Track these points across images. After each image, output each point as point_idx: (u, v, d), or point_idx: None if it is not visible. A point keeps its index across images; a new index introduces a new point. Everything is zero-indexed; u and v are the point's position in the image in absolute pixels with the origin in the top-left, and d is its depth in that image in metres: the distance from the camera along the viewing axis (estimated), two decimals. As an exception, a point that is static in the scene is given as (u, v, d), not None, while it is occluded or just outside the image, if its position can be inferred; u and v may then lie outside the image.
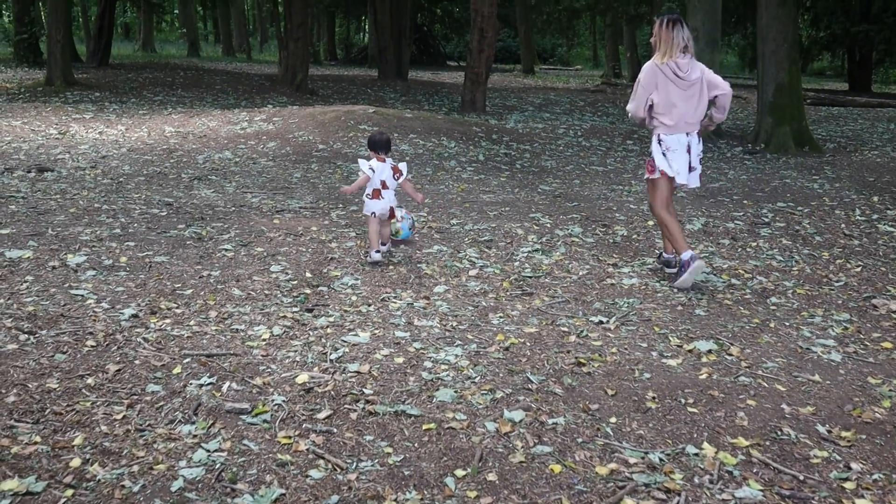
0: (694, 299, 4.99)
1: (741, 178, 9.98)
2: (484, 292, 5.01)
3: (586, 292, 5.09)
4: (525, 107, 18.54)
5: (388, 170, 5.60)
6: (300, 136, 11.15)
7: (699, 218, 7.32)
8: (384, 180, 5.58)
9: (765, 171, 10.63)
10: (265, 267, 5.30)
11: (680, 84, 5.20)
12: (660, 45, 5.20)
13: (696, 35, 13.33)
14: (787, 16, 12.37)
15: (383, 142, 5.59)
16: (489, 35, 16.48)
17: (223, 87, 18.50)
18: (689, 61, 5.23)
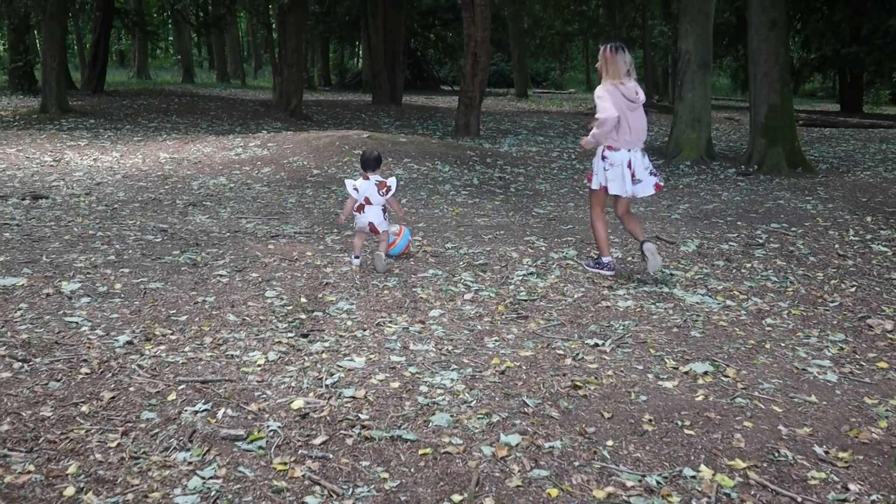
0: (689, 321, 5.00)
1: (735, 199, 10.03)
2: (479, 316, 5.02)
3: (582, 315, 5.10)
4: (519, 130, 18.64)
5: (373, 186, 6.00)
6: (295, 161, 11.18)
7: (693, 240, 7.34)
8: (368, 197, 6.01)
9: (758, 192, 10.68)
10: (260, 292, 5.30)
11: (628, 105, 5.81)
12: (606, 69, 5.78)
13: (688, 58, 13.46)
14: (777, 38, 12.51)
15: (370, 160, 6.08)
16: (482, 59, 16.60)
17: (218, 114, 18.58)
18: (634, 84, 5.84)
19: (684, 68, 13.63)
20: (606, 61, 5.78)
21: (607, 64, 5.77)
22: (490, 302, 5.32)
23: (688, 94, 13.65)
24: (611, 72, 5.77)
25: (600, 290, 5.66)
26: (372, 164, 6.08)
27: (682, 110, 13.83)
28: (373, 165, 6.07)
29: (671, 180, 11.88)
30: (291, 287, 5.45)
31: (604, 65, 5.80)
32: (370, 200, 6.03)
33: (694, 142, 13.69)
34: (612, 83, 5.76)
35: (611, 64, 5.77)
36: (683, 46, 13.65)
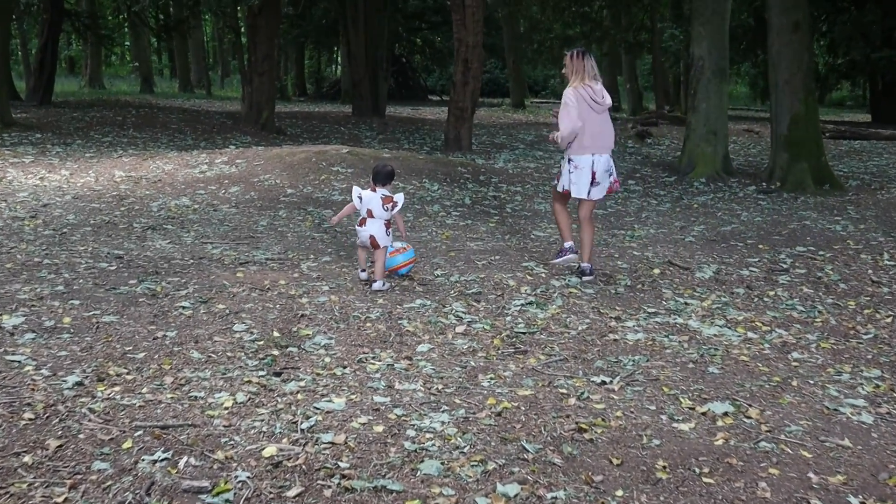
0: (706, 356, 5.02)
1: (755, 220, 10.09)
2: (472, 351, 5.01)
3: (587, 349, 5.10)
4: (515, 144, 18.74)
5: (378, 200, 6.39)
6: (266, 179, 11.21)
7: (710, 265, 7.38)
8: (370, 209, 6.40)
9: (781, 212, 10.76)
10: (227, 326, 5.28)
11: (595, 108, 6.64)
12: (573, 72, 6.63)
13: (701, 64, 13.60)
14: (800, 42, 12.65)
15: (381, 174, 6.48)
16: (474, 66, 16.73)
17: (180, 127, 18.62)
18: (601, 88, 6.68)
19: (698, 76, 13.77)
20: (574, 65, 6.64)
21: (574, 67, 6.63)
22: (484, 335, 5.32)
23: (702, 104, 13.78)
24: (578, 75, 6.62)
25: (607, 322, 5.67)
26: (383, 178, 6.48)
27: (695, 122, 13.95)
28: (383, 179, 6.48)
29: (684, 199, 11.95)
30: (263, 320, 5.44)
31: (570, 69, 6.66)
32: (373, 213, 6.41)
33: (709, 156, 13.80)
34: (581, 85, 6.60)
35: (577, 67, 6.63)
36: (696, 51, 13.79)
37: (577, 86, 6.62)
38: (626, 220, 10.07)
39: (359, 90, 23.91)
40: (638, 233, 9.09)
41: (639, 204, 11.49)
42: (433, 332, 5.36)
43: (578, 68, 6.64)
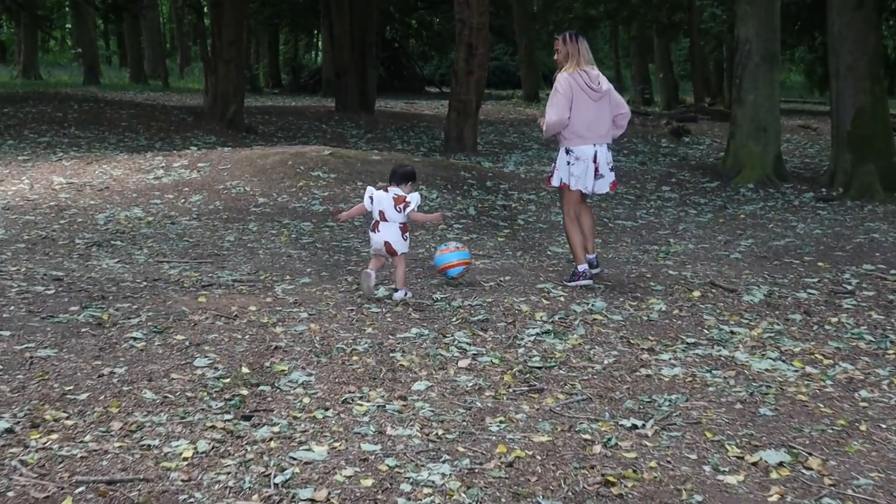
0: (757, 394, 5.00)
1: (814, 232, 10.09)
2: (478, 389, 5.00)
3: (614, 387, 5.08)
4: (528, 144, 18.78)
5: (390, 200, 6.69)
6: (234, 186, 11.22)
7: (760, 286, 7.37)
8: (382, 211, 6.70)
9: (845, 223, 10.76)
10: (187, 361, 5.27)
11: (591, 95, 7.10)
12: (566, 58, 7.10)
13: (748, 48, 13.64)
14: (865, 21, 12.68)
15: (398, 173, 6.79)
16: (480, 52, 16.78)
17: (131, 125, 18.65)
18: (597, 73, 7.19)
19: (744, 62, 13.81)
20: (567, 50, 7.12)
21: (570, 53, 7.10)
22: (493, 370, 5.30)
23: (749, 96, 13.82)
24: (572, 60, 7.10)
25: (638, 354, 5.66)
26: (398, 177, 6.79)
27: (742, 117, 13.98)
28: (398, 179, 6.78)
29: (729, 208, 11.96)
30: (229, 353, 5.42)
31: (563, 54, 7.14)
32: (385, 216, 6.71)
33: (758, 157, 13.83)
34: (576, 71, 7.07)
35: (572, 52, 7.11)
36: (743, 33, 13.84)
37: (571, 71, 7.09)
38: (660, 234, 10.07)
39: (343, 81, 23.98)
40: (674, 248, 9.09)
41: (675, 214, 11.49)
42: (432, 366, 5.34)
43: (573, 52, 7.11)
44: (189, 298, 6.62)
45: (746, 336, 6.10)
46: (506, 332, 6.03)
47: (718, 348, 5.82)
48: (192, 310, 6.28)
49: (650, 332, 6.14)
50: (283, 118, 22.35)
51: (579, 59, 7.10)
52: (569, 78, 7.06)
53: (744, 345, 5.92)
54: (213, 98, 19.19)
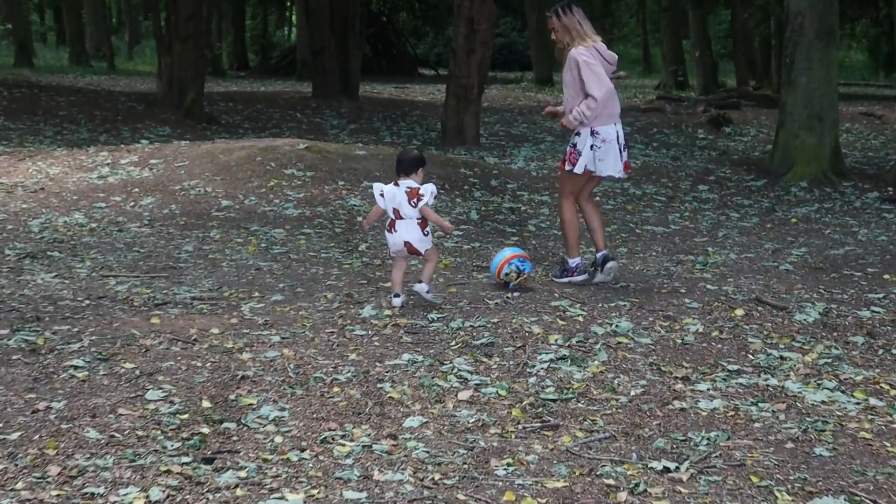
0: (812, 431, 5.00)
1: (879, 239, 10.09)
2: (482, 426, 5.00)
3: (642, 423, 5.08)
4: (540, 136, 18.78)
5: (402, 194, 6.97)
6: (192, 187, 11.22)
7: (815, 303, 7.38)
8: (397, 208, 7.00)
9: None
10: (138, 393, 5.27)
11: (607, 69, 7.58)
12: (571, 32, 7.54)
13: (800, 22, 13.67)
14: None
15: (403, 161, 7.12)
16: (483, 28, 16.79)
17: (71, 114, 18.66)
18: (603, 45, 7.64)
19: (796, 38, 13.83)
20: (566, 24, 7.56)
21: (570, 26, 7.56)
22: (499, 403, 5.30)
23: (801, 79, 13.83)
24: (580, 31, 7.56)
25: (671, 384, 5.66)
26: (406, 165, 7.09)
27: (793, 103, 14.00)
28: (407, 168, 7.08)
29: (778, 211, 11.97)
30: (187, 384, 5.42)
31: (565, 30, 7.58)
32: (400, 213, 7.01)
33: (812, 151, 13.84)
34: (592, 44, 7.54)
35: (571, 24, 7.55)
36: (794, 4, 13.87)
37: (588, 45, 7.55)
38: (696, 242, 10.07)
39: (321, 62, 23.97)
40: (713, 258, 9.09)
41: (714, 218, 11.50)
42: (427, 399, 5.34)
43: (572, 25, 7.58)
44: (140, 319, 6.61)
45: (799, 362, 6.10)
46: (514, 359, 6.03)
47: (766, 377, 5.82)
48: (144, 333, 6.28)
49: (685, 358, 6.14)
50: (251, 106, 22.34)
51: (584, 31, 7.60)
52: (590, 50, 7.52)
53: (796, 372, 5.92)
54: (167, 83, 19.19)
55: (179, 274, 8.02)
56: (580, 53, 7.47)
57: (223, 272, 8.12)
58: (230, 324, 6.57)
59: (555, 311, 7.05)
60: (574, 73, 7.54)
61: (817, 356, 6.22)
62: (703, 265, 8.81)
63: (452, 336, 6.45)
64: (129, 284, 7.59)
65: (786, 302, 7.41)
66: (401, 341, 6.33)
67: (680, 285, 7.93)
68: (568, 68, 7.63)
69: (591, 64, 7.45)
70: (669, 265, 8.84)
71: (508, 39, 43.99)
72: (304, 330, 6.46)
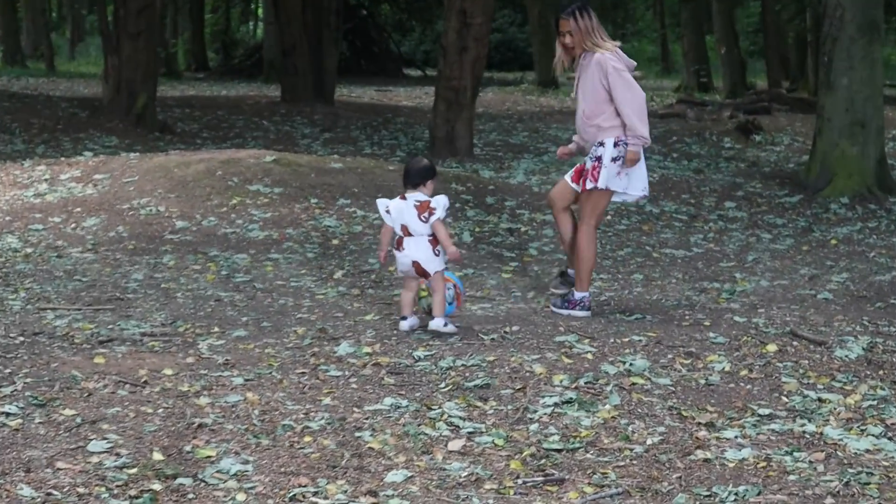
0: (855, 484, 5.00)
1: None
2: (476, 480, 4.99)
3: (660, 476, 5.08)
4: (543, 146, 18.80)
5: (411, 209, 7.19)
6: (143, 206, 11.22)
7: (859, 337, 7.37)
8: (405, 224, 7.21)
9: (973, 250, 10.78)
10: (79, 444, 5.25)
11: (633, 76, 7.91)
12: (593, 36, 7.77)
13: (839, 14, 13.71)
14: None
15: (411, 172, 7.36)
16: (477, 22, 16.81)
17: (4, 122, 18.64)
18: None
19: (834, 33, 13.88)
20: (584, 27, 7.76)
21: (589, 29, 7.78)
22: (495, 454, 5.29)
23: (841, 80, 13.87)
24: (601, 35, 7.82)
25: (693, 431, 5.65)
26: (415, 176, 7.31)
27: (832, 107, 14.04)
28: (416, 178, 7.30)
29: (815, 231, 12.00)
30: (136, 434, 5.41)
31: (580, 34, 7.79)
32: (409, 230, 7.22)
33: (855, 162, 13.87)
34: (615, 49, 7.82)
35: (588, 28, 7.76)
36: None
37: (612, 48, 7.82)
38: (721, 267, 10.09)
39: (292, 61, 23.95)
40: (742, 286, 9.10)
41: (742, 239, 11.52)
42: (412, 450, 5.33)
43: (589, 28, 7.78)
44: (82, 359, 6.59)
45: (840, 405, 6.10)
46: (513, 403, 6.02)
47: (802, 422, 5.81)
48: (86, 374, 6.26)
49: (709, 401, 6.13)
50: (211, 112, 22.33)
51: (603, 34, 7.87)
52: (619, 56, 7.82)
53: (836, 417, 5.92)
54: (115, 86, 19.16)
55: (127, 306, 8.00)
56: (609, 59, 7.71)
57: (178, 304, 8.11)
58: (186, 364, 6.55)
59: (560, 347, 7.04)
60: (601, 81, 7.72)
61: (861, 398, 6.21)
62: (730, 294, 8.81)
63: (442, 377, 6.43)
64: (69, 318, 7.57)
65: (825, 336, 7.41)
66: (382, 383, 6.31)
67: (704, 317, 7.93)
68: (589, 76, 7.81)
69: (621, 71, 7.74)
70: (692, 294, 8.84)
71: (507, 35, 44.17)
72: (270, 370, 6.45)
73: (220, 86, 32.43)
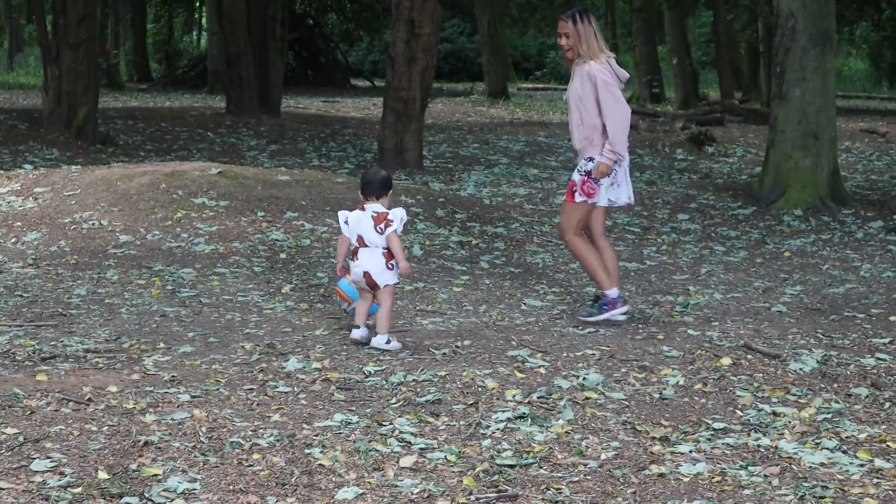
0: (810, 498, 5.03)
1: (884, 275, 10.19)
2: (428, 497, 4.99)
3: (615, 491, 5.10)
4: (494, 158, 18.83)
5: (368, 220, 7.38)
6: (85, 220, 11.15)
7: (813, 350, 7.42)
8: (361, 235, 7.41)
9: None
10: (21, 463, 5.22)
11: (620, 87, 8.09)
12: (587, 43, 7.94)
13: (792, 24, 13.83)
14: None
15: (372, 183, 7.56)
16: (425, 32, 16.82)
17: (-60, 134, 18.49)
18: None
19: (787, 43, 13.99)
20: (581, 32, 7.95)
21: (587, 35, 7.96)
22: (448, 471, 5.30)
23: (794, 91, 13.98)
24: (595, 44, 7.99)
25: (647, 446, 5.67)
26: (376, 187, 7.53)
27: (784, 118, 14.13)
28: (377, 190, 7.52)
29: (769, 243, 12.08)
30: (80, 452, 5.38)
31: (582, 38, 7.96)
32: (364, 241, 7.42)
33: (808, 174, 13.96)
34: (606, 59, 8.01)
35: (587, 34, 7.95)
36: (784, 5, 14.02)
37: (602, 61, 7.98)
38: (675, 280, 10.14)
39: (237, 72, 23.87)
40: (695, 299, 9.14)
41: (696, 252, 11.58)
42: (363, 466, 5.33)
43: (588, 34, 7.96)
44: (24, 376, 6.56)
45: (794, 418, 6.14)
46: (465, 418, 6.03)
47: (757, 436, 5.85)
48: (29, 392, 6.22)
49: (663, 415, 6.16)
50: (154, 124, 22.23)
51: (600, 43, 8.05)
52: (607, 69, 7.98)
53: (791, 430, 5.95)
54: (55, 97, 19.02)
55: (70, 322, 7.96)
56: (599, 72, 7.91)
57: (122, 320, 8.07)
58: (131, 380, 6.52)
59: (512, 361, 7.06)
60: (590, 92, 7.96)
61: (815, 411, 6.25)
62: (683, 307, 8.86)
63: (393, 392, 6.43)
64: (10, 335, 7.52)
65: (779, 349, 7.45)
66: (332, 399, 6.31)
67: (657, 330, 7.97)
68: (580, 85, 8.03)
69: (610, 85, 7.95)
70: (644, 307, 8.88)
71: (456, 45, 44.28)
72: (217, 387, 6.43)
73: (164, 97, 32.30)
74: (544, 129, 23.64)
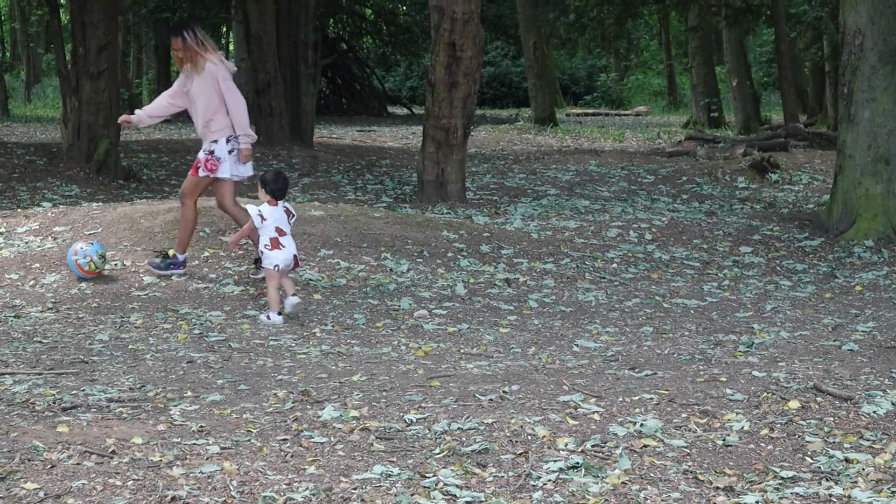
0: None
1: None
2: (476, 554, 4.99)
3: (677, 546, 5.09)
4: (542, 189, 18.83)
5: (282, 213, 9.63)
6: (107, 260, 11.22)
7: (888, 391, 7.39)
8: (279, 227, 9.54)
9: None
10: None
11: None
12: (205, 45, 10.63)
13: (859, 43, 13.76)
14: None
15: (287, 184, 9.93)
16: (468, 56, 16.85)
17: (-47, 171, 18.65)
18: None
19: (854, 63, 13.92)
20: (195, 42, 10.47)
21: (199, 41, 10.50)
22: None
23: (863, 113, 13.90)
24: (209, 44, 10.64)
25: (710, 497, 5.65)
26: (277, 190, 9.72)
27: (853, 143, 14.06)
28: (280, 192, 9.76)
29: (839, 277, 12.03)
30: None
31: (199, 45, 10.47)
32: (283, 231, 9.60)
33: (879, 201, 13.86)
34: (220, 57, 10.70)
35: (203, 38, 10.57)
36: (851, 21, 13.96)
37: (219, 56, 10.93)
38: (738, 317, 10.10)
39: (267, 101, 23.96)
40: (760, 338, 9.10)
41: (760, 287, 11.53)
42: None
43: (204, 38, 10.85)
44: (43, 427, 6.59)
45: (868, 465, 6.10)
46: (514, 469, 6.02)
47: (828, 484, 5.82)
48: (49, 445, 6.26)
49: (727, 464, 6.13)
50: (179, 157, 22.33)
51: (212, 43, 10.94)
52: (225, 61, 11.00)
53: (865, 478, 5.92)
54: (74, 130, 19.11)
55: (92, 370, 8.00)
56: (219, 65, 10.66)
57: (147, 367, 8.10)
58: (156, 431, 6.55)
59: (564, 407, 7.05)
60: (214, 87, 10.49)
61: (891, 457, 6.21)
62: (747, 346, 8.82)
63: (436, 442, 6.43)
64: (28, 384, 7.57)
65: (851, 390, 7.42)
66: (371, 450, 6.31)
67: (720, 372, 7.94)
68: (203, 81, 10.53)
69: (227, 78, 10.66)
70: (706, 347, 8.85)
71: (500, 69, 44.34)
72: (249, 437, 6.45)
73: (189, 129, 32.39)
74: (595, 158, 23.60)
